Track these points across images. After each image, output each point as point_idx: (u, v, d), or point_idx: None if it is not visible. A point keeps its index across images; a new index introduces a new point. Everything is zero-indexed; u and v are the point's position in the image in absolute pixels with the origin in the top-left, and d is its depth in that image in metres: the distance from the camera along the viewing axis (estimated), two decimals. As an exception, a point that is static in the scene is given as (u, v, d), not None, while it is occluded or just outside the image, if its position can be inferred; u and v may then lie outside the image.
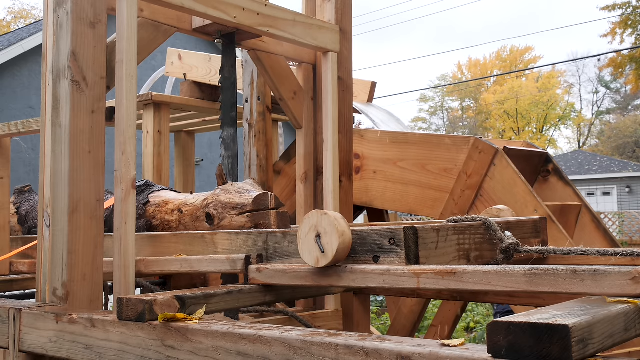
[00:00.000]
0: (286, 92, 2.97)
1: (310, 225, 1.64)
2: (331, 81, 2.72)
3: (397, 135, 3.57)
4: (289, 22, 2.56)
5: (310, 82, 3.07)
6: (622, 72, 31.74)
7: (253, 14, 2.43)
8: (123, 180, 1.94)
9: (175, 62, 4.55)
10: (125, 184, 1.94)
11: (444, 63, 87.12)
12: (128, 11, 1.99)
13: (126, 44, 1.98)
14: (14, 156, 2.98)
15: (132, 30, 2.00)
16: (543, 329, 1.00)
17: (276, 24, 2.52)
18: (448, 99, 54.03)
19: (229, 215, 2.18)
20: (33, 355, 1.93)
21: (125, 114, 1.96)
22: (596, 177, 28.15)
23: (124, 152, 1.95)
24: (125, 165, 1.94)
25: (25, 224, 3.18)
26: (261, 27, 2.48)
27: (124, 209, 1.94)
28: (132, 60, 1.99)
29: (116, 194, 1.95)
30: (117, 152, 1.96)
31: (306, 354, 1.28)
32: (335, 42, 2.77)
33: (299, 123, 3.03)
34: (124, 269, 1.92)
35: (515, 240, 1.79)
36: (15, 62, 13.34)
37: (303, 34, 2.62)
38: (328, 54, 2.73)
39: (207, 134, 6.23)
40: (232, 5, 2.35)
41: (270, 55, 2.87)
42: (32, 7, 42.34)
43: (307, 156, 3.03)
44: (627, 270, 1.25)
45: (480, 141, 3.21)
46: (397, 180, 3.48)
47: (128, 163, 1.95)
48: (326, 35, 2.72)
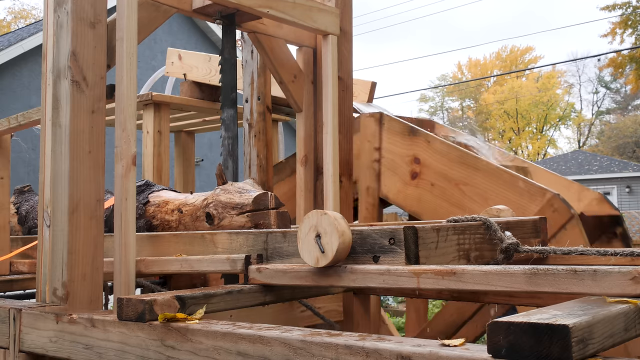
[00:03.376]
0: (286, 75, 2.96)
1: (310, 225, 1.64)
2: (331, 64, 2.71)
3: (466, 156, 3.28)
4: (289, 4, 2.56)
5: (310, 66, 3.07)
6: (622, 72, 31.73)
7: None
8: (123, 157, 1.95)
9: (175, 62, 4.55)
10: (125, 160, 1.95)
11: (444, 63, 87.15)
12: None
13: (126, 21, 1.99)
14: (14, 156, 2.98)
15: (133, 8, 2.00)
16: (543, 329, 1.00)
17: (276, 5, 2.51)
18: (448, 99, 54.04)
19: (229, 215, 2.18)
20: (33, 355, 1.93)
21: (126, 91, 1.97)
22: (596, 177, 28.14)
23: (124, 129, 1.96)
24: (125, 141, 1.95)
25: (25, 224, 3.18)
26: (261, 8, 2.47)
27: (124, 185, 1.95)
28: (132, 38, 2.00)
29: (116, 170, 1.96)
30: (117, 129, 1.97)
31: (306, 354, 1.28)
32: (335, 25, 2.75)
33: (299, 106, 3.02)
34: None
35: (515, 240, 1.79)
36: (15, 62, 13.35)
37: (303, 16, 2.61)
38: (328, 36, 2.72)
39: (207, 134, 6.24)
40: None
41: (270, 38, 2.87)
42: (32, 7, 42.35)
43: (307, 139, 3.03)
44: (627, 270, 1.25)
45: (558, 199, 2.94)
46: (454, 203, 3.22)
47: (128, 139, 1.96)
48: (326, 17, 2.71)
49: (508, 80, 47.97)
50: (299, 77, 3.01)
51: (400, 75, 78.04)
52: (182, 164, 4.73)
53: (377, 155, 3.35)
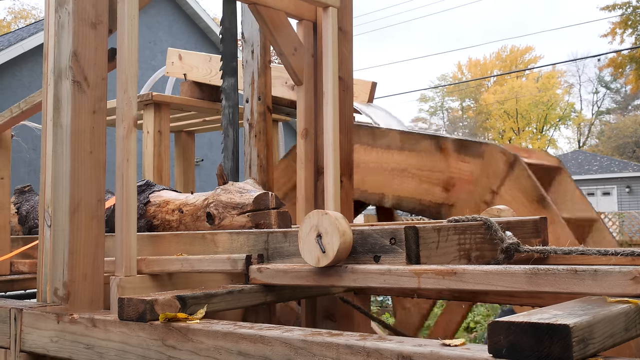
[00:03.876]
0: (286, 47, 2.95)
1: (311, 225, 1.65)
2: (331, 36, 2.68)
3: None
4: None
5: (310, 39, 3.05)
6: (622, 72, 31.74)
7: None
8: (125, 119, 1.96)
9: (176, 62, 4.55)
10: (127, 121, 1.96)
11: (444, 63, 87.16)
12: None
13: None
14: (15, 156, 2.98)
15: None
16: (544, 329, 1.00)
17: None
18: (448, 99, 54.03)
19: (229, 215, 2.19)
20: (34, 355, 1.93)
21: (127, 54, 1.98)
22: (596, 177, 28.14)
23: (126, 91, 1.97)
24: (127, 103, 1.97)
25: (25, 224, 3.18)
26: None
27: (125, 146, 1.96)
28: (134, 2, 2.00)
29: (118, 132, 1.97)
30: (119, 91, 1.98)
31: (307, 354, 1.28)
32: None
33: (299, 79, 3.01)
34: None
35: (515, 240, 1.79)
36: (15, 62, 13.34)
37: None
38: (328, 9, 2.68)
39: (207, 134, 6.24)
40: None
41: (270, 10, 2.85)
42: (32, 7, 42.32)
43: (308, 111, 3.02)
44: (627, 270, 1.25)
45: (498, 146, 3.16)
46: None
47: (130, 101, 1.97)
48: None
49: (508, 80, 47.96)
50: (299, 50, 3.00)
51: (400, 75, 78.02)
52: (182, 164, 4.73)
53: (490, 198, 3.12)
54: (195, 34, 16.43)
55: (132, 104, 1.97)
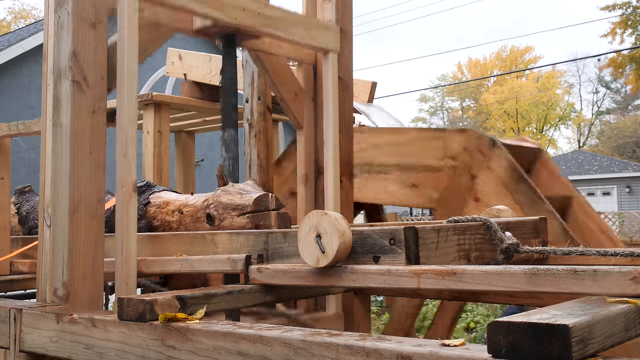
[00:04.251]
0: (287, 93, 2.96)
1: (311, 225, 1.65)
2: (331, 82, 2.72)
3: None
4: (289, 23, 2.56)
5: (310, 83, 3.07)
6: (622, 72, 31.74)
7: (254, 14, 2.43)
8: (125, 184, 1.94)
9: (176, 62, 4.55)
10: (126, 187, 1.94)
11: (444, 63, 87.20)
12: (129, 13, 1.99)
13: (127, 45, 1.97)
14: (15, 156, 2.98)
15: (133, 32, 1.99)
16: (543, 329, 1.00)
17: (277, 24, 2.51)
18: (448, 99, 54.05)
19: (229, 216, 2.19)
20: (34, 355, 1.93)
21: (127, 117, 1.95)
22: (596, 177, 28.14)
23: (125, 155, 1.94)
24: (126, 168, 1.94)
25: (25, 224, 3.18)
26: (262, 28, 2.47)
27: (125, 212, 1.93)
28: (134, 63, 1.98)
29: (118, 197, 1.95)
30: (118, 155, 1.95)
31: (307, 354, 1.28)
32: (336, 42, 2.77)
33: (300, 124, 3.03)
34: (125, 269, 1.92)
35: (515, 240, 1.79)
36: (15, 62, 13.34)
37: (303, 34, 2.62)
38: (328, 54, 2.73)
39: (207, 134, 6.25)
40: (233, 6, 2.35)
41: (270, 56, 2.87)
42: (32, 7, 42.35)
43: (308, 157, 3.03)
44: (627, 270, 1.25)
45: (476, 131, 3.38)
46: None
47: (129, 166, 1.94)
48: (326, 35, 2.72)
49: (508, 80, 47.97)
50: (299, 95, 3.02)
51: (400, 75, 78.03)
52: (183, 164, 4.73)
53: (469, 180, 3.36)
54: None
55: (132, 168, 1.94)
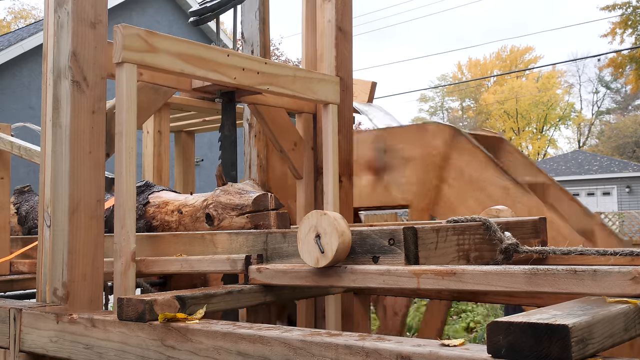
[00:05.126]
0: (286, 144, 2.98)
1: (310, 225, 1.65)
2: (331, 133, 2.68)
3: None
4: (289, 79, 2.51)
5: (310, 132, 3.09)
6: (622, 72, 31.73)
7: (253, 73, 2.38)
8: (122, 254, 1.92)
9: (176, 62, 4.55)
10: (124, 257, 1.92)
11: (444, 63, 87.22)
12: (127, 82, 1.95)
13: (126, 115, 1.94)
14: (14, 156, 2.98)
15: (132, 101, 1.96)
16: (543, 329, 1.00)
17: (276, 81, 2.47)
18: (448, 99, 54.04)
19: (228, 216, 2.19)
20: (33, 355, 1.93)
21: (125, 187, 1.93)
22: (596, 177, 28.14)
23: (124, 226, 1.92)
24: (125, 239, 1.92)
25: (25, 224, 3.18)
26: (261, 86, 2.42)
27: (123, 282, 1.91)
28: (132, 132, 1.96)
29: (115, 267, 1.93)
30: (116, 225, 1.93)
31: (306, 354, 1.28)
32: (335, 94, 2.72)
33: (299, 174, 3.04)
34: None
35: (514, 240, 1.79)
36: (15, 62, 13.35)
37: (303, 88, 2.57)
38: (328, 106, 2.69)
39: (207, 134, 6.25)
40: (232, 67, 2.31)
41: (270, 108, 2.88)
42: (32, 7, 42.34)
43: (308, 207, 3.03)
44: (627, 270, 1.25)
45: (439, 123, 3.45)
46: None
47: (127, 237, 1.92)
48: (326, 87, 2.68)
49: (508, 80, 47.96)
50: (299, 145, 3.03)
51: (400, 75, 78.02)
52: (182, 164, 4.73)
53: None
54: (195, 34, 16.43)
55: (130, 239, 1.92)
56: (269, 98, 2.84)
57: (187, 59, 2.14)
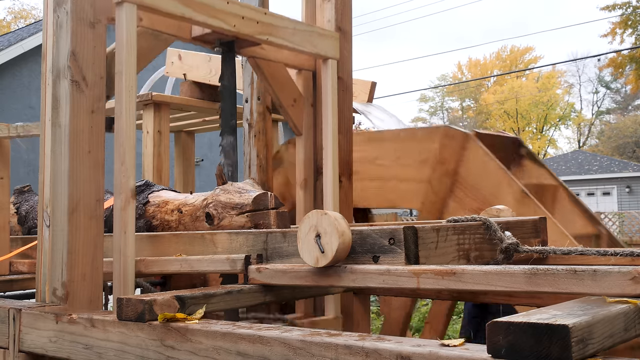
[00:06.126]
0: (286, 99, 2.96)
1: (310, 225, 1.64)
2: (331, 88, 2.70)
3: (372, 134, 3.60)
4: (288, 30, 2.54)
5: (310, 89, 3.07)
6: (622, 72, 31.74)
7: (252, 22, 2.41)
8: (122, 190, 1.93)
9: (175, 62, 4.55)
10: (124, 194, 1.93)
11: (444, 63, 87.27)
12: (127, 22, 1.97)
13: (125, 55, 1.96)
14: (14, 156, 2.98)
15: (132, 41, 1.98)
16: (543, 329, 1.00)
17: (275, 31, 2.49)
18: (448, 99, 54.06)
19: (228, 215, 2.18)
20: (33, 355, 1.92)
21: (125, 125, 1.95)
22: (596, 177, 28.15)
23: (123, 163, 1.94)
24: (124, 175, 1.94)
25: (25, 224, 3.18)
26: (260, 36, 2.45)
27: (123, 218, 1.93)
28: (132, 72, 1.97)
29: (115, 203, 1.95)
30: (116, 162, 1.95)
31: (306, 354, 1.28)
32: (335, 49, 2.75)
33: (299, 130, 3.03)
34: (124, 269, 1.92)
35: (515, 240, 1.79)
36: (15, 62, 13.35)
37: (302, 41, 2.60)
38: (328, 60, 2.71)
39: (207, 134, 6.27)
40: (232, 14, 2.33)
41: (269, 63, 2.86)
42: (32, 7, 42.35)
43: (307, 162, 3.03)
44: (627, 270, 1.25)
45: (451, 129, 3.26)
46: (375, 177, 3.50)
47: (127, 174, 1.94)
48: (326, 42, 2.70)
49: (508, 80, 47.98)
50: (298, 101, 3.01)
51: (400, 75, 78.07)
52: (182, 164, 4.73)
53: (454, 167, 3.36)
54: (195, 34, 16.40)
55: (130, 176, 1.94)
56: (269, 52, 2.82)
57: (187, 3, 2.15)
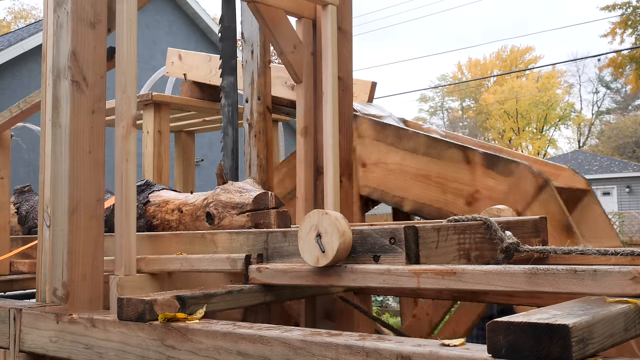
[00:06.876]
0: (286, 46, 2.94)
1: (311, 224, 1.64)
2: (331, 35, 2.67)
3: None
4: None
5: (310, 37, 3.05)
6: (622, 72, 31.74)
7: None
8: (124, 118, 1.95)
9: (176, 62, 4.55)
10: (126, 121, 1.95)
11: (444, 63, 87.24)
12: None
13: None
14: (14, 156, 2.98)
15: None
16: (543, 329, 1.00)
17: None
18: (448, 99, 54.06)
19: (229, 214, 2.18)
20: (33, 355, 1.93)
21: (126, 54, 1.96)
22: (596, 177, 28.15)
23: (125, 91, 1.95)
24: (126, 103, 1.95)
25: (25, 224, 3.18)
26: None
27: (124, 147, 1.94)
28: (132, 4, 1.99)
29: (117, 132, 1.96)
30: (117, 91, 1.96)
31: (306, 354, 1.28)
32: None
33: (299, 77, 3.01)
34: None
35: (515, 239, 1.79)
36: (15, 62, 13.35)
37: None
38: (327, 6, 2.68)
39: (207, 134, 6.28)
40: None
41: (269, 8, 2.84)
42: (32, 7, 42.33)
43: (307, 109, 3.02)
44: (627, 270, 1.25)
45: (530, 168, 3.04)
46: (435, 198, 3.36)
47: (129, 101, 1.95)
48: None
49: (508, 80, 47.97)
50: (298, 48, 2.99)
51: (400, 75, 78.04)
52: (182, 164, 4.74)
53: None
54: (195, 34, 16.43)
55: (132, 104, 1.96)
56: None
57: None
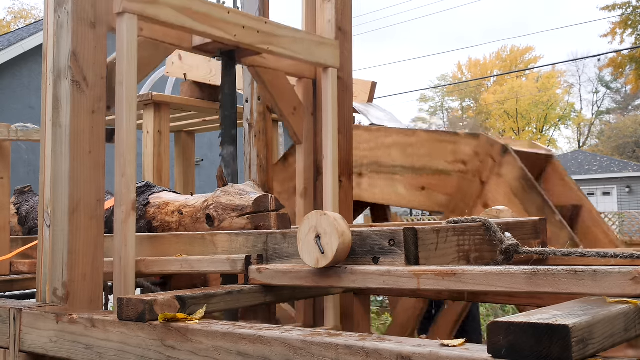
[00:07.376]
0: (286, 108, 2.97)
1: (310, 226, 1.64)
2: (331, 97, 2.69)
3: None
4: (288, 39, 2.53)
5: (310, 97, 3.08)
6: (622, 72, 31.76)
7: (253, 32, 2.40)
8: (124, 202, 1.93)
9: (176, 62, 4.55)
10: (125, 206, 1.93)
11: (444, 63, 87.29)
12: (128, 33, 1.96)
13: (126, 65, 1.95)
14: (14, 157, 2.99)
15: (133, 52, 1.97)
16: (543, 329, 1.00)
17: (276, 41, 2.48)
18: (448, 99, 54.07)
19: (229, 217, 2.18)
20: (33, 355, 1.93)
21: (126, 137, 1.94)
22: (596, 177, 28.15)
23: (124, 175, 1.93)
24: (125, 187, 1.93)
25: (25, 224, 3.18)
26: (261, 45, 2.44)
27: (124, 230, 1.92)
28: (132, 83, 1.97)
29: (116, 215, 1.94)
30: (117, 175, 1.94)
31: (306, 354, 1.28)
32: (335, 57, 2.73)
33: (299, 139, 3.03)
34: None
35: (515, 241, 1.79)
36: (15, 62, 13.35)
37: (303, 50, 2.59)
38: (328, 69, 2.70)
39: (207, 134, 6.28)
40: (232, 24, 2.32)
41: (269, 71, 2.87)
42: (32, 7, 42.35)
43: (307, 171, 3.03)
44: (627, 271, 1.25)
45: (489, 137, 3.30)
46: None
47: (128, 185, 1.93)
48: (326, 50, 2.69)
49: (508, 80, 47.97)
50: (298, 109, 3.02)
51: (400, 75, 78.05)
52: (182, 164, 4.73)
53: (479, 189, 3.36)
54: (195, 34, 16.40)
55: (131, 188, 1.93)
56: (269, 61, 2.83)
57: (188, 13, 2.15)
